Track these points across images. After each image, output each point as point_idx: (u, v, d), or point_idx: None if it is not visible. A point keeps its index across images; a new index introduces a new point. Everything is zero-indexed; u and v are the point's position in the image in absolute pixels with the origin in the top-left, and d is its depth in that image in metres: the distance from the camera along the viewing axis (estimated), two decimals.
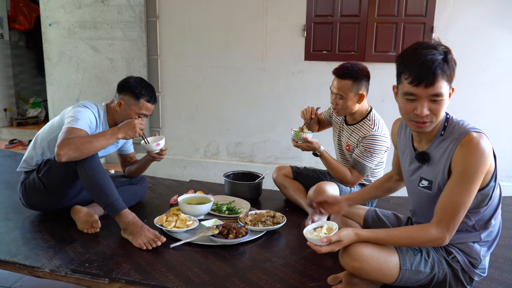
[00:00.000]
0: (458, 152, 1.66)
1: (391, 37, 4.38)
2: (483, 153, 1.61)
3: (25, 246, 2.29)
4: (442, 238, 1.67)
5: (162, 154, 2.75)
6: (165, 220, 2.46)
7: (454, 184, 1.66)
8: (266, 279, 2.00)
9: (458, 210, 1.65)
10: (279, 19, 4.62)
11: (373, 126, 2.70)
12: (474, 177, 1.62)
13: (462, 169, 1.64)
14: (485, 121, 4.14)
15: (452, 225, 1.67)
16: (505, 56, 4.19)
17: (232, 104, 4.95)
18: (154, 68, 5.08)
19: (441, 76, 1.59)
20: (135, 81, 2.64)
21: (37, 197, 2.58)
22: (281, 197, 3.16)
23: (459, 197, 1.64)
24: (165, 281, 1.95)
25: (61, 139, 2.30)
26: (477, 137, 1.63)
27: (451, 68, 1.62)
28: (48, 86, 5.48)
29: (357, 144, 2.73)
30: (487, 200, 1.74)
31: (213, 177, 4.92)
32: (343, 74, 2.64)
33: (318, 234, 1.81)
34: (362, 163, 2.68)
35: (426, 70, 1.58)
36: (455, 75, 1.65)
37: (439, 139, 1.75)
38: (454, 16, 4.21)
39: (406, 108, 1.69)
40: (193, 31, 4.88)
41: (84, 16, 5.13)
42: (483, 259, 1.82)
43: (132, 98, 2.61)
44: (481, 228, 1.80)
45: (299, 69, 4.67)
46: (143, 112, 2.63)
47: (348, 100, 2.66)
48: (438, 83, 1.59)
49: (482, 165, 1.62)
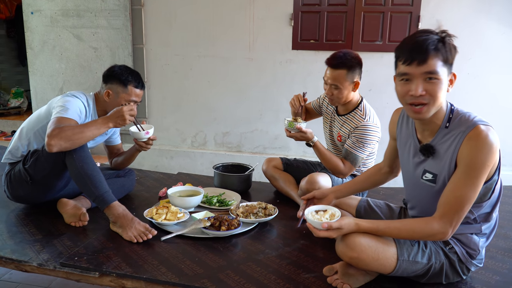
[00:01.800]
0: (466, 145, 1.62)
1: (378, 26, 4.37)
2: (491, 147, 1.59)
3: (11, 240, 2.24)
4: (444, 233, 1.65)
5: (149, 143, 2.70)
6: (155, 212, 2.42)
7: (460, 178, 1.63)
8: (260, 271, 1.98)
9: (463, 205, 1.63)
10: (266, 8, 4.58)
11: (364, 116, 2.69)
12: (481, 172, 1.60)
13: (469, 163, 1.61)
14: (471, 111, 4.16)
15: (456, 220, 1.64)
16: (490, 45, 4.22)
17: (219, 94, 4.91)
18: (139, 57, 5.00)
19: (434, 53, 1.58)
20: (120, 68, 2.60)
21: (22, 189, 2.52)
22: (271, 188, 3.14)
23: (464, 192, 1.62)
24: (157, 274, 1.93)
25: (51, 128, 2.25)
26: (485, 130, 1.59)
27: (448, 49, 1.60)
28: (31, 76, 5.36)
29: (348, 135, 2.72)
30: (489, 193, 1.73)
31: (200, 167, 4.89)
32: (337, 64, 2.61)
33: (320, 218, 1.79)
34: (354, 153, 2.67)
35: (418, 47, 1.58)
36: (453, 60, 1.63)
37: (444, 131, 1.72)
38: (440, 6, 4.22)
39: (402, 91, 1.66)
40: (179, 19, 4.81)
41: (67, 4, 5.01)
42: (481, 250, 1.82)
43: (119, 86, 2.57)
44: (482, 221, 1.80)
45: (287, 58, 4.64)
46: (133, 98, 2.59)
47: (344, 89, 2.64)
48: (431, 61, 1.58)
49: (490, 159, 1.59)
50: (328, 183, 2.65)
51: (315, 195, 2.21)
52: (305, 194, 2.62)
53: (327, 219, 1.80)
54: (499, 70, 4.26)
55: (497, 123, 4.28)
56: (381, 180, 2.23)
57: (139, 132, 2.61)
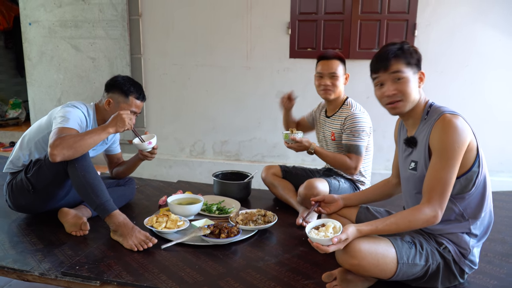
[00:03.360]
0: (434, 132, 1.78)
1: (375, 34, 4.42)
2: (456, 129, 1.72)
3: (12, 249, 2.24)
4: (435, 216, 1.75)
5: (153, 152, 2.75)
6: (155, 221, 2.44)
7: (435, 162, 1.76)
8: (260, 278, 1.99)
9: (445, 186, 1.74)
10: (264, 17, 4.61)
11: (351, 108, 2.81)
12: (452, 153, 1.72)
13: (439, 147, 1.75)
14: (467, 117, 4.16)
15: (442, 201, 1.75)
16: (486, 52, 4.26)
17: (217, 103, 4.93)
18: (137, 67, 5.02)
19: (395, 60, 1.82)
20: (123, 79, 2.65)
21: (24, 198, 2.53)
22: (270, 196, 3.16)
23: (442, 174, 1.73)
24: (158, 282, 1.93)
25: (53, 139, 2.27)
26: (450, 116, 1.75)
27: (408, 54, 1.83)
28: (29, 87, 5.38)
29: (341, 129, 2.80)
30: (470, 185, 1.80)
31: (199, 176, 4.89)
32: (331, 55, 2.79)
33: (326, 234, 1.79)
34: (355, 144, 2.73)
35: (381, 57, 1.86)
36: (418, 61, 1.86)
37: (422, 123, 1.88)
38: (437, 13, 4.26)
39: (379, 94, 1.91)
40: (177, 29, 4.84)
41: (65, 15, 5.04)
42: (472, 249, 1.86)
43: (121, 95, 2.60)
44: (470, 217, 1.84)
45: (284, 67, 4.67)
46: (133, 109, 2.63)
47: (340, 77, 2.79)
48: (393, 65, 1.83)
49: (458, 140, 1.72)
50: (325, 188, 2.68)
51: (324, 198, 2.26)
52: (304, 200, 2.66)
53: (332, 233, 1.80)
54: (495, 76, 4.29)
55: (494, 129, 4.33)
56: (389, 192, 2.29)
57: (142, 143, 2.65)
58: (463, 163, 1.76)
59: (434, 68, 4.32)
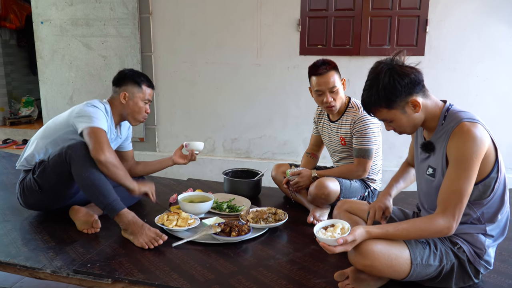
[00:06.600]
0: (451, 140, 1.72)
1: (386, 30, 4.37)
2: (475, 139, 1.66)
3: (24, 247, 2.26)
4: (449, 228, 1.69)
5: (194, 157, 2.96)
6: (166, 219, 2.44)
7: (452, 172, 1.70)
8: (271, 276, 1.99)
9: (461, 198, 1.68)
10: (274, 14, 4.59)
11: (358, 110, 2.75)
12: (469, 164, 1.66)
13: (456, 157, 1.69)
14: (480, 113, 4.04)
15: (457, 213, 1.69)
16: (499, 48, 4.20)
17: (227, 100, 4.92)
18: (148, 65, 5.03)
19: (375, 109, 1.82)
20: (130, 71, 2.70)
21: (33, 198, 2.56)
22: (280, 194, 3.15)
23: (459, 185, 1.68)
24: (169, 281, 1.94)
25: (92, 142, 2.36)
26: (468, 125, 1.68)
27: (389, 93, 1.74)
28: (41, 85, 5.41)
29: (350, 132, 2.75)
30: (489, 191, 1.75)
31: (209, 173, 4.90)
32: (324, 68, 2.66)
33: (333, 234, 1.78)
34: (366, 148, 2.70)
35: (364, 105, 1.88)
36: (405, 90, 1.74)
37: (440, 128, 1.81)
38: (448, 9, 4.21)
39: None
40: (187, 27, 4.84)
41: (76, 13, 5.06)
42: (488, 249, 1.82)
43: (134, 86, 2.64)
44: (487, 222, 1.80)
45: (294, 64, 4.65)
46: (148, 97, 2.69)
47: (340, 89, 2.71)
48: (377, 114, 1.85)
49: (476, 151, 1.66)
50: (336, 187, 2.66)
51: (383, 210, 2.07)
52: (314, 199, 2.65)
53: (339, 234, 1.79)
54: (508, 72, 4.23)
55: (506, 125, 4.27)
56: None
57: (198, 143, 2.91)
58: (481, 170, 1.71)
59: (447, 64, 4.26)
